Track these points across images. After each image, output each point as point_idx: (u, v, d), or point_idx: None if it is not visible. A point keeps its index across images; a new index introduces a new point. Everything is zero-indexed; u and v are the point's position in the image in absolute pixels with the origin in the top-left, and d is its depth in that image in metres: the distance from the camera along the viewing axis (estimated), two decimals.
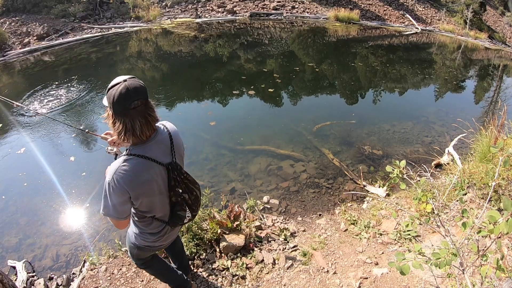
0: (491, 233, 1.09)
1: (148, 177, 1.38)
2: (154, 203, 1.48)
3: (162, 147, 1.44)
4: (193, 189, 1.56)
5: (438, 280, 2.29)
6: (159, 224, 1.60)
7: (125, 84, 1.24)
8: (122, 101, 1.22)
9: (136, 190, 1.36)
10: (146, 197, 1.42)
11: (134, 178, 1.34)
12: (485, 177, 3.05)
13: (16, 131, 5.25)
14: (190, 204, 1.56)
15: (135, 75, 1.34)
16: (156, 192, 1.44)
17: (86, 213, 3.56)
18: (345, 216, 3.25)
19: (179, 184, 1.48)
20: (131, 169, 1.33)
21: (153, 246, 1.69)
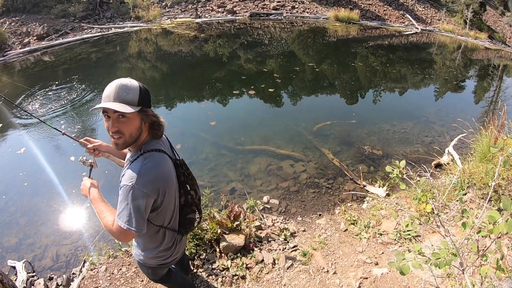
0: (491, 233, 1.09)
1: (169, 171, 1.33)
2: (170, 207, 1.40)
3: (166, 143, 1.44)
4: (197, 188, 1.55)
5: (438, 280, 2.29)
6: (171, 235, 1.49)
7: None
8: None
9: (163, 187, 1.28)
10: (169, 196, 1.34)
11: (160, 174, 1.26)
12: (485, 177, 3.05)
13: (16, 131, 5.25)
14: (196, 203, 1.52)
15: (135, 75, 1.34)
16: (171, 192, 1.36)
17: (86, 213, 3.56)
18: (345, 216, 3.25)
19: (188, 180, 1.44)
20: (155, 165, 1.25)
21: (166, 263, 1.59)
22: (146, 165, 1.22)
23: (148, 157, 1.24)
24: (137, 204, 1.19)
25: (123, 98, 1.17)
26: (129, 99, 1.18)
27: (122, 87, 1.18)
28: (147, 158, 1.24)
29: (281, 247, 2.83)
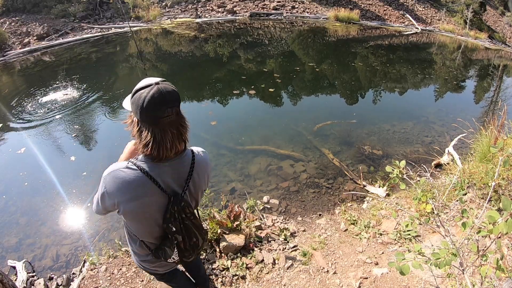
0: (491, 233, 1.09)
1: (133, 196, 1.12)
2: (140, 227, 1.25)
3: (175, 173, 1.17)
4: (194, 235, 1.29)
5: (438, 280, 2.29)
6: (146, 250, 1.34)
7: (158, 88, 1.02)
8: (153, 107, 1.01)
9: (116, 199, 1.13)
10: (128, 215, 1.19)
11: (119, 187, 1.11)
12: (485, 177, 3.05)
13: (17, 131, 5.25)
14: (182, 249, 1.28)
15: (135, 75, 1.30)
16: (137, 217, 1.20)
17: (86, 213, 3.56)
18: (345, 216, 3.25)
19: (175, 221, 1.20)
20: (121, 177, 1.10)
21: (148, 268, 1.47)
22: (119, 169, 1.12)
23: (125, 166, 1.12)
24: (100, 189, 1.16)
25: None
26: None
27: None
28: (125, 166, 1.12)
29: (281, 247, 2.83)
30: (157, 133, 1.05)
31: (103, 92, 6.74)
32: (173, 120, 1.06)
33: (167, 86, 1.04)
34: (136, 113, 1.05)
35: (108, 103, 6.30)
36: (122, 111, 6.05)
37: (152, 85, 1.04)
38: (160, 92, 1.01)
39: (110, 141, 5.09)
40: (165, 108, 1.02)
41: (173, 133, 1.07)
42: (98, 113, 5.91)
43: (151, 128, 1.04)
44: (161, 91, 1.02)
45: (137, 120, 1.07)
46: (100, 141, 5.08)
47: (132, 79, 7.87)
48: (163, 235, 1.28)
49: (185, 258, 1.34)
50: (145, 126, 1.05)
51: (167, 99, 1.02)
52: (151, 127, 1.04)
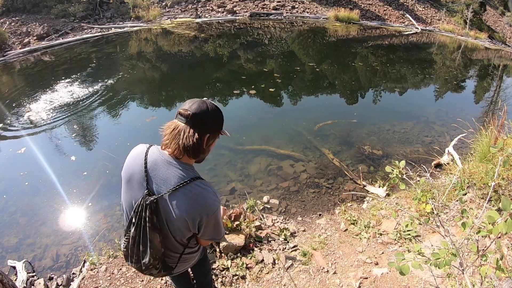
0: (491, 233, 1.09)
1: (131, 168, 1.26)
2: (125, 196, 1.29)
3: (164, 178, 1.19)
4: (144, 244, 1.22)
5: (438, 280, 2.29)
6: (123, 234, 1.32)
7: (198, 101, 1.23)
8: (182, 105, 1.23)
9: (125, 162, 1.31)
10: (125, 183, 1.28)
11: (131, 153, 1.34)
12: (485, 177, 3.05)
13: (17, 131, 5.25)
14: (129, 245, 1.25)
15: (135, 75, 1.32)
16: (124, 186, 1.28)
17: (86, 213, 3.56)
18: (345, 216, 3.25)
19: (135, 215, 1.19)
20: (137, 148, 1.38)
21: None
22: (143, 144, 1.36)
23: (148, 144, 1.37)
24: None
25: None
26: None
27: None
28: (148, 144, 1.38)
29: (281, 247, 2.83)
30: (170, 125, 1.21)
31: (103, 92, 6.74)
32: (183, 124, 1.17)
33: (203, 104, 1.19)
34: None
35: (108, 103, 6.30)
36: (123, 110, 6.05)
37: (202, 100, 1.23)
38: (193, 102, 1.19)
39: (111, 141, 5.09)
40: (184, 111, 1.16)
41: (175, 133, 1.18)
42: (98, 113, 5.92)
43: (177, 119, 1.20)
44: (194, 101, 1.20)
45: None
46: (101, 141, 5.08)
47: (133, 79, 7.87)
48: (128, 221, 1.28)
49: (129, 259, 1.30)
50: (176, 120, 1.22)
51: (192, 107, 1.17)
52: (178, 118, 1.20)
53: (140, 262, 1.26)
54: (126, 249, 1.28)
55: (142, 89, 7.34)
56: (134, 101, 6.56)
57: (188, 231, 1.23)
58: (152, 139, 5.21)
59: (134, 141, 4.96)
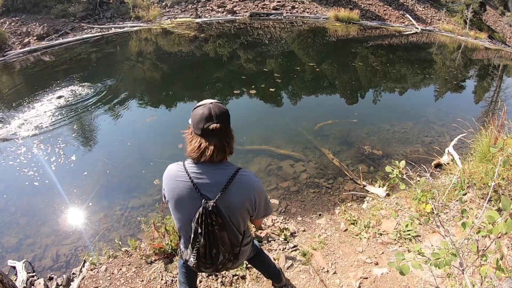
0: (491, 233, 1.09)
1: (173, 186, 1.32)
2: (175, 217, 1.40)
3: (213, 179, 1.30)
4: (216, 246, 1.34)
5: (438, 280, 2.29)
6: (182, 244, 1.47)
7: (209, 107, 1.26)
8: (202, 121, 1.24)
9: (164, 186, 1.37)
10: (169, 204, 1.37)
11: (166, 176, 1.37)
12: (485, 177, 3.05)
13: (17, 131, 5.25)
14: (201, 255, 1.35)
15: (135, 75, 1.33)
16: (173, 207, 1.36)
17: (86, 213, 3.56)
18: (345, 216, 3.25)
19: (201, 225, 1.28)
20: (169, 169, 1.37)
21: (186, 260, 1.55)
22: (172, 164, 1.39)
23: (177, 163, 1.39)
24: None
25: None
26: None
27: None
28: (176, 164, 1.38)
29: (281, 247, 2.83)
30: (203, 142, 1.27)
31: (103, 92, 6.74)
32: (218, 135, 1.26)
33: (216, 106, 1.27)
34: (193, 126, 1.29)
35: (108, 103, 6.30)
36: (123, 110, 6.05)
37: (205, 104, 1.29)
38: (210, 110, 1.25)
39: (111, 141, 5.10)
40: (211, 123, 1.24)
41: (215, 144, 1.26)
42: (98, 113, 5.91)
43: (205, 138, 1.27)
44: (211, 109, 1.25)
45: (192, 130, 1.31)
46: (101, 141, 5.08)
47: (132, 79, 7.87)
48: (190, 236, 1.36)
49: (202, 266, 1.41)
50: (200, 137, 1.27)
51: (214, 116, 1.25)
52: (205, 137, 1.26)
53: (215, 264, 1.39)
54: (197, 260, 1.37)
55: (142, 89, 7.34)
56: (134, 101, 6.56)
57: (247, 217, 1.40)
58: (152, 139, 5.27)
59: (134, 141, 4.97)
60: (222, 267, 1.43)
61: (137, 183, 4.06)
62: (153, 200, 3.72)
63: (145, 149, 4.79)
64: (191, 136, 1.31)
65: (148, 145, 4.93)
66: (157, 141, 5.05)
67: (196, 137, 1.28)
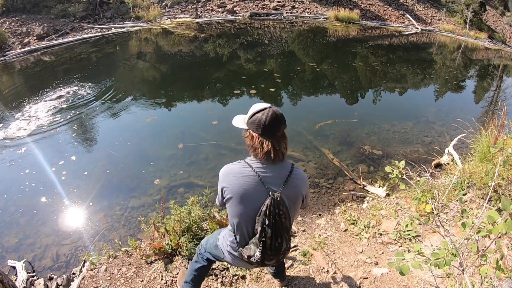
0: (491, 233, 1.09)
1: (240, 183, 1.41)
2: (237, 215, 1.46)
3: (276, 174, 1.44)
4: (280, 236, 1.44)
5: (438, 280, 2.29)
6: (235, 241, 1.55)
7: (272, 110, 1.37)
8: (273, 124, 1.36)
9: (226, 185, 1.45)
10: (232, 202, 1.44)
11: (228, 175, 1.45)
12: (485, 177, 3.05)
13: (17, 131, 5.25)
14: (267, 245, 1.43)
15: (135, 75, 1.33)
16: (239, 204, 1.43)
17: (86, 213, 3.57)
18: (345, 216, 3.25)
19: (269, 215, 1.38)
20: (232, 169, 1.46)
21: (226, 258, 1.68)
22: (231, 163, 1.50)
23: (237, 162, 1.49)
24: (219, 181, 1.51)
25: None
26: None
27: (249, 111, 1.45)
28: (236, 162, 1.50)
29: None
30: (275, 143, 1.39)
31: (103, 92, 6.74)
32: (283, 134, 1.42)
33: (277, 110, 1.40)
34: (257, 129, 1.39)
35: (108, 103, 6.30)
36: (123, 110, 6.05)
37: (266, 108, 1.38)
38: (275, 114, 1.38)
39: (111, 141, 5.09)
40: (279, 124, 1.39)
41: (281, 143, 1.41)
42: (99, 113, 5.91)
43: (270, 139, 1.38)
44: (275, 113, 1.38)
45: (258, 135, 1.40)
46: (101, 141, 5.08)
47: (132, 79, 7.87)
48: (253, 232, 1.45)
49: (267, 259, 1.48)
50: (266, 139, 1.39)
51: (280, 119, 1.39)
52: (270, 139, 1.38)
53: (278, 254, 1.50)
54: (262, 254, 1.45)
55: (142, 89, 7.34)
56: (134, 101, 6.55)
57: (299, 206, 1.55)
58: (152, 139, 5.26)
59: (134, 141, 4.97)
60: (283, 256, 1.55)
61: (137, 183, 4.06)
62: (153, 200, 3.72)
63: (145, 149, 4.79)
64: (257, 139, 1.40)
65: (148, 145, 4.93)
66: (158, 141, 5.05)
67: (262, 139, 1.39)
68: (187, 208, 2.71)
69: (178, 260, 2.62)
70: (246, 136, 1.47)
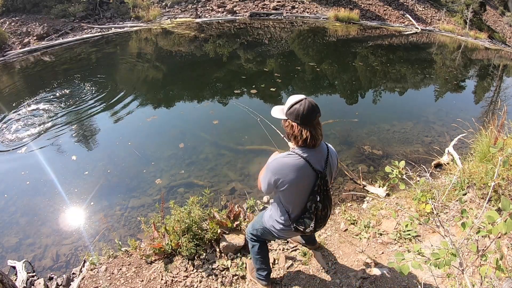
0: (490, 233, 1.09)
1: (296, 174, 1.61)
2: (292, 198, 1.71)
3: (319, 156, 1.67)
4: (327, 206, 1.74)
5: (438, 280, 2.30)
6: (288, 219, 1.79)
7: (308, 101, 1.55)
8: (310, 113, 1.54)
9: (283, 176, 1.62)
10: (291, 187, 1.64)
11: (283, 167, 1.62)
12: (485, 177, 3.06)
13: (17, 131, 5.25)
14: (318, 216, 1.72)
15: (135, 75, 1.33)
16: (295, 190, 1.67)
17: (86, 213, 3.57)
18: (345, 216, 3.25)
19: (320, 192, 1.67)
20: (286, 161, 1.62)
21: (275, 233, 1.93)
22: (282, 157, 1.65)
23: (287, 154, 1.66)
24: (267, 173, 1.68)
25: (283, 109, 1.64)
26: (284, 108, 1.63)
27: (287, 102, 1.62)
28: (286, 154, 1.66)
29: (281, 247, 2.83)
30: (312, 130, 1.57)
31: (103, 91, 6.73)
32: (318, 121, 1.60)
33: (312, 100, 1.58)
34: (296, 119, 1.56)
35: (108, 103, 6.29)
36: (123, 109, 6.05)
37: (302, 100, 1.56)
38: (311, 104, 1.55)
39: (111, 141, 5.09)
40: (315, 114, 1.56)
41: (317, 130, 1.60)
42: (99, 113, 5.91)
43: (309, 128, 1.57)
44: (311, 103, 1.55)
45: (297, 124, 1.57)
46: (101, 141, 5.08)
47: (133, 79, 7.87)
48: (305, 208, 1.72)
49: (318, 227, 1.78)
50: (304, 127, 1.57)
51: (315, 108, 1.56)
52: (308, 127, 1.57)
53: (325, 221, 1.81)
54: (315, 226, 1.74)
55: (142, 89, 7.33)
56: (135, 100, 6.55)
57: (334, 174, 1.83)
58: (153, 138, 5.26)
59: (135, 141, 4.97)
60: (326, 222, 1.87)
61: (137, 183, 4.06)
62: (153, 200, 3.73)
63: (145, 149, 4.79)
64: (297, 127, 1.58)
65: (149, 144, 4.93)
66: (158, 141, 5.05)
67: (301, 128, 1.57)
68: (187, 208, 2.71)
69: (178, 260, 2.62)
70: (286, 125, 1.65)
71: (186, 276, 2.50)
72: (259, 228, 2.07)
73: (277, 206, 1.84)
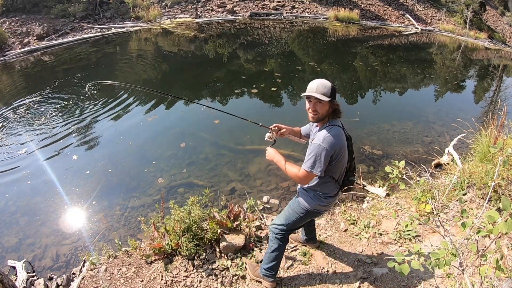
0: (491, 233, 1.09)
1: (343, 139, 1.87)
2: (341, 164, 1.92)
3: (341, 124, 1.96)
4: (354, 161, 2.09)
5: (438, 280, 2.30)
6: (336, 187, 2.00)
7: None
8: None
9: (338, 148, 1.81)
10: (340, 156, 1.86)
11: (337, 139, 1.81)
12: (485, 177, 3.05)
13: (17, 131, 5.25)
14: (353, 169, 2.07)
15: (135, 75, 1.33)
16: (342, 157, 1.89)
17: (86, 213, 3.56)
18: (345, 216, 3.25)
19: (351, 153, 2.00)
20: (336, 133, 1.81)
21: (320, 210, 2.10)
22: (330, 132, 1.81)
23: (332, 128, 1.84)
24: (320, 156, 1.80)
25: (322, 91, 1.79)
26: (325, 92, 1.79)
27: (322, 84, 1.81)
28: (331, 128, 1.83)
29: None
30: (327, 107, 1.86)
31: (103, 91, 6.73)
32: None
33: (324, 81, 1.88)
34: (333, 99, 1.82)
35: (109, 103, 6.29)
36: (123, 110, 6.04)
37: (324, 79, 1.86)
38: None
39: (112, 140, 5.09)
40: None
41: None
42: (99, 113, 5.91)
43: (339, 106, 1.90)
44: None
45: (334, 103, 1.86)
46: (102, 140, 5.07)
47: (133, 79, 7.86)
48: (346, 170, 2.01)
49: (352, 177, 2.09)
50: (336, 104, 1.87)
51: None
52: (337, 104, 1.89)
53: (355, 173, 2.11)
54: (352, 175, 2.08)
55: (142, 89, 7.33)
56: (135, 100, 6.55)
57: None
58: (153, 138, 5.25)
59: (135, 140, 4.97)
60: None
61: (137, 183, 4.06)
62: (153, 200, 3.72)
63: (146, 149, 4.79)
64: (333, 105, 1.85)
65: (150, 144, 4.93)
66: (159, 141, 5.05)
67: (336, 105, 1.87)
68: (187, 208, 2.71)
69: (178, 260, 2.62)
70: (329, 105, 1.85)
71: (186, 276, 2.50)
72: (297, 218, 2.11)
73: (321, 182, 1.97)
